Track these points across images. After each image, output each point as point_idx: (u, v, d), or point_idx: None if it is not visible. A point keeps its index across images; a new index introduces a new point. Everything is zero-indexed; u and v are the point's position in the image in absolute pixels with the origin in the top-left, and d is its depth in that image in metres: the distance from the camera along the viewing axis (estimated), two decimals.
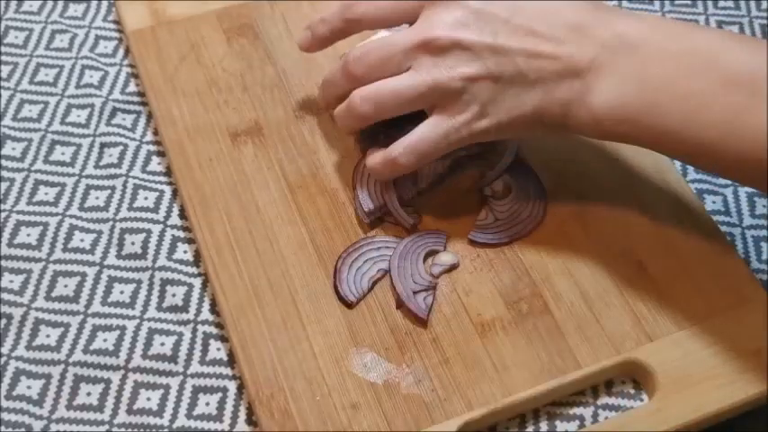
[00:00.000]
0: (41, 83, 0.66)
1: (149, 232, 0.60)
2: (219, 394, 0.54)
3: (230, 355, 0.55)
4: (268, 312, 0.55)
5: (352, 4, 0.57)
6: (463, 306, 0.56)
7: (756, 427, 0.54)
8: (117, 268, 0.58)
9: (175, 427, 0.53)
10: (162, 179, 0.62)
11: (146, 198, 0.61)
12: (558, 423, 0.53)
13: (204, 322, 0.56)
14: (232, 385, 0.54)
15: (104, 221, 0.60)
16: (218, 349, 0.55)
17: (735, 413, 0.52)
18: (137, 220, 0.60)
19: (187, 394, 0.54)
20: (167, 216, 0.61)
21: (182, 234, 0.60)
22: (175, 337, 0.56)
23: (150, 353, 0.55)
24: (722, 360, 0.53)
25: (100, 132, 0.64)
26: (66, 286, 0.57)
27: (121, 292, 0.57)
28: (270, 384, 0.52)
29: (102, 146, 0.64)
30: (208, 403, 0.54)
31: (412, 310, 0.55)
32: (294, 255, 0.57)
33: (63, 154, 0.63)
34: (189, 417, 0.53)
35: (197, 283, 0.58)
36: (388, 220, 0.59)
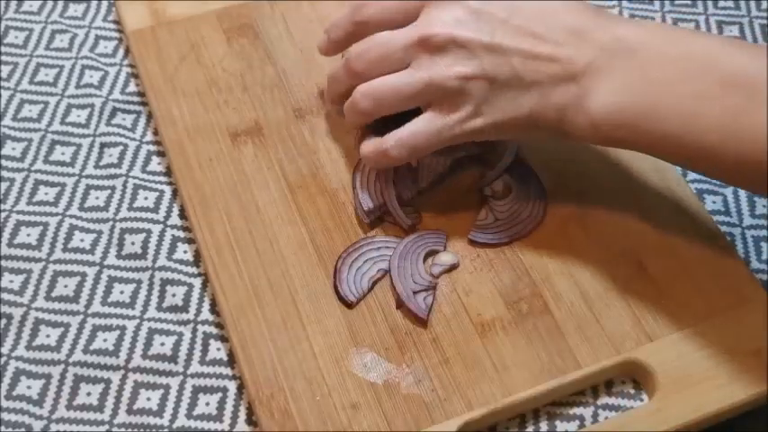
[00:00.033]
0: (41, 83, 0.66)
1: (149, 232, 0.60)
2: (219, 394, 0.54)
3: (230, 355, 0.55)
4: (268, 312, 0.55)
5: (360, 5, 0.58)
6: (463, 306, 0.56)
7: (756, 427, 0.54)
8: (117, 268, 0.58)
9: (175, 427, 0.53)
10: (162, 179, 0.62)
11: (146, 198, 0.61)
12: (558, 423, 0.53)
13: (204, 322, 0.56)
14: (232, 385, 0.54)
15: (104, 221, 0.60)
16: (218, 349, 0.56)
17: (735, 413, 0.52)
18: (137, 220, 0.60)
19: (187, 394, 0.54)
20: (167, 216, 0.61)
21: (182, 234, 0.60)
22: (175, 337, 0.56)
23: (150, 353, 0.55)
24: (722, 360, 0.53)
25: (100, 132, 0.64)
26: (66, 286, 0.57)
27: (121, 292, 0.57)
28: (270, 384, 0.52)
29: (102, 146, 0.64)
30: (208, 403, 0.54)
31: (412, 310, 0.55)
32: (294, 255, 0.57)
33: (63, 154, 0.63)
34: (189, 417, 0.53)
35: (197, 283, 0.58)
36: (387, 220, 0.59)
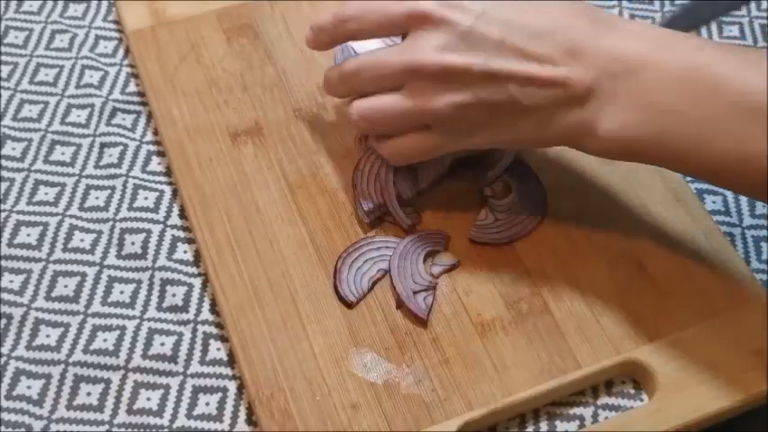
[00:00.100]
0: (41, 83, 0.66)
1: (149, 232, 0.60)
2: (219, 394, 0.54)
3: (230, 355, 0.55)
4: (268, 312, 0.55)
5: (342, 19, 0.55)
6: (463, 306, 0.56)
7: (756, 427, 0.54)
8: (117, 268, 0.58)
9: (175, 427, 0.53)
10: (162, 179, 0.62)
11: (146, 198, 0.61)
12: (558, 423, 0.53)
13: (204, 322, 0.56)
14: (232, 385, 0.54)
15: (104, 221, 0.60)
16: (218, 349, 0.55)
17: (735, 413, 0.52)
18: (137, 220, 0.60)
19: (187, 394, 0.54)
20: (167, 216, 0.61)
21: (182, 234, 0.60)
22: (175, 337, 0.56)
23: (150, 353, 0.55)
24: (722, 360, 0.53)
25: (100, 132, 0.64)
26: (67, 286, 0.57)
27: (121, 292, 0.57)
28: (270, 384, 0.52)
29: (102, 146, 0.64)
30: (208, 403, 0.54)
31: (412, 310, 0.55)
32: (294, 255, 0.57)
33: (63, 154, 0.63)
34: (189, 417, 0.53)
35: (197, 283, 0.58)
36: (387, 220, 0.59)
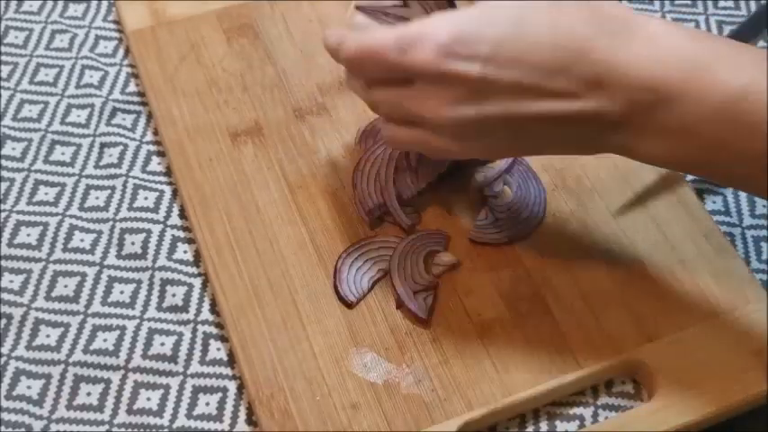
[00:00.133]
0: (41, 83, 0.66)
1: (149, 232, 0.60)
2: (219, 394, 0.54)
3: (230, 355, 0.55)
4: (268, 312, 0.55)
5: (343, 57, 0.51)
6: (463, 306, 0.56)
7: (756, 427, 0.54)
8: (117, 268, 0.58)
9: (175, 427, 0.53)
10: (162, 179, 0.62)
11: (146, 198, 0.61)
12: (558, 423, 0.53)
13: (204, 322, 0.56)
14: (232, 385, 0.54)
15: (104, 221, 0.60)
16: (218, 349, 0.55)
17: (735, 413, 0.52)
18: (137, 220, 0.60)
19: (187, 394, 0.54)
20: (167, 216, 0.61)
21: (182, 234, 0.60)
22: (175, 337, 0.56)
23: (150, 353, 0.55)
24: (722, 360, 0.53)
25: (100, 132, 0.64)
26: (67, 286, 0.57)
27: (121, 292, 0.57)
28: (270, 384, 0.52)
29: (102, 146, 0.64)
30: (208, 403, 0.54)
31: (412, 310, 0.55)
32: (294, 255, 0.57)
33: (63, 154, 0.63)
34: (189, 417, 0.53)
35: (197, 283, 0.58)
36: (387, 220, 0.59)
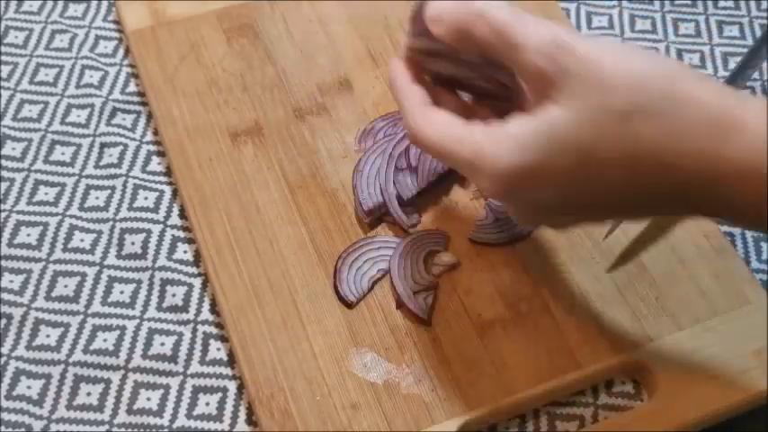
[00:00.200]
0: (41, 83, 0.66)
1: (149, 232, 0.60)
2: (219, 394, 0.54)
3: (230, 355, 0.55)
4: (268, 312, 0.55)
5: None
6: (463, 306, 0.56)
7: (756, 427, 0.54)
8: (117, 268, 0.58)
9: (175, 427, 0.53)
10: (162, 179, 0.62)
11: (146, 198, 0.61)
12: (558, 423, 0.53)
13: (204, 322, 0.56)
14: (232, 385, 0.54)
15: (104, 221, 0.60)
16: (218, 349, 0.55)
17: (735, 413, 0.52)
18: (137, 220, 0.60)
19: (187, 394, 0.54)
20: (167, 216, 0.61)
21: (182, 234, 0.60)
22: (175, 337, 0.56)
23: (150, 353, 0.55)
24: (722, 360, 0.53)
25: (100, 132, 0.64)
26: (66, 286, 0.57)
27: (121, 292, 0.57)
28: (270, 384, 0.52)
29: (102, 146, 0.64)
30: (208, 403, 0.54)
31: (412, 310, 0.55)
32: (294, 255, 0.57)
33: (63, 154, 0.63)
34: (189, 417, 0.53)
35: (197, 283, 0.58)
36: (387, 220, 0.59)
